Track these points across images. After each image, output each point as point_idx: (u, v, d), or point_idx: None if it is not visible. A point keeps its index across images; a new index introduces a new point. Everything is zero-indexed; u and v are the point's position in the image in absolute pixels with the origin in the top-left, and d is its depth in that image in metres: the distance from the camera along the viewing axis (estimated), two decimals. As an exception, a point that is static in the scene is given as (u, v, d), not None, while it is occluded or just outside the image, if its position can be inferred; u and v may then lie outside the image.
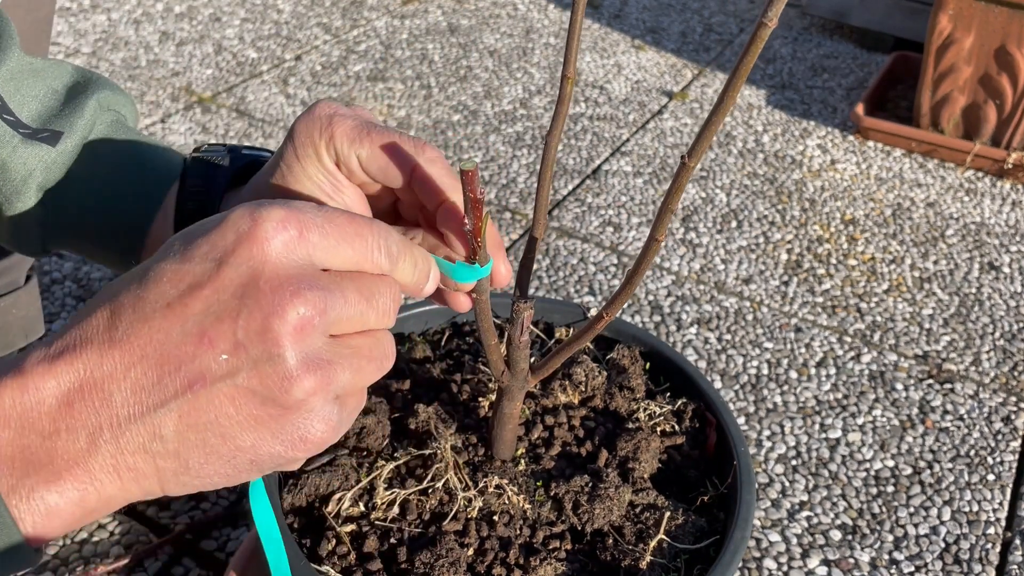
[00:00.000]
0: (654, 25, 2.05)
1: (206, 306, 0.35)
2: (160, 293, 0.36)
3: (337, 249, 0.38)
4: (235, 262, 0.36)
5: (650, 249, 0.45)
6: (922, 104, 1.60)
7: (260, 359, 0.35)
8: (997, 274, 1.33)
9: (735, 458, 0.62)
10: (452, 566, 0.54)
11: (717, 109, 0.37)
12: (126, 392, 0.35)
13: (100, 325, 0.36)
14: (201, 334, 0.35)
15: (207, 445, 0.36)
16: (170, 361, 0.35)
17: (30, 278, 0.78)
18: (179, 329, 0.35)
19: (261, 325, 0.35)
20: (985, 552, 0.93)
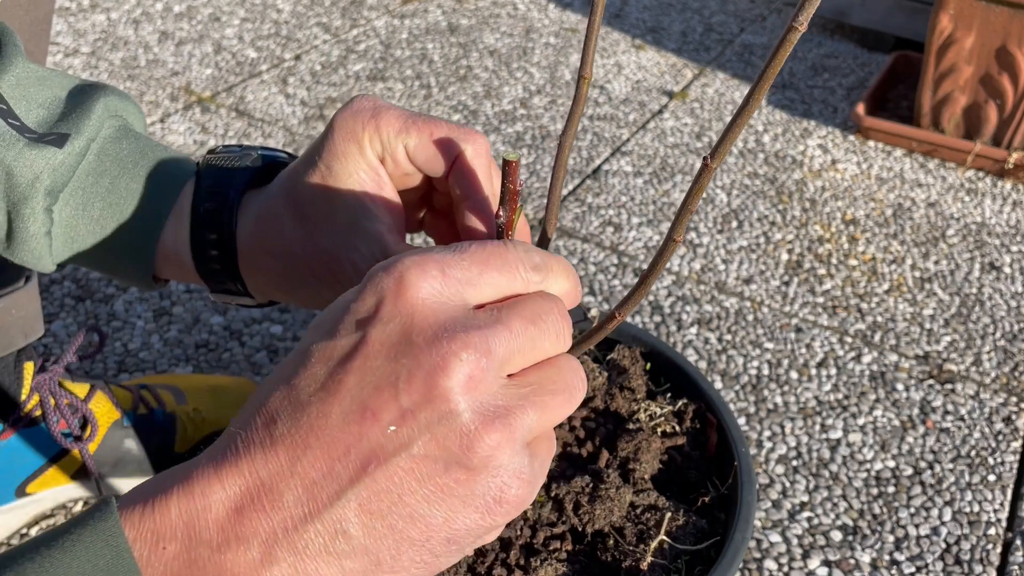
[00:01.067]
0: (654, 25, 2.05)
1: (360, 377, 0.32)
2: (311, 377, 0.33)
3: (483, 278, 0.35)
4: (382, 321, 0.33)
5: (667, 249, 0.44)
6: (923, 104, 1.59)
7: (432, 421, 0.32)
8: (998, 274, 1.33)
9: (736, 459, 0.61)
10: (452, 567, 0.54)
11: (742, 111, 0.37)
12: (297, 490, 0.31)
13: (259, 424, 0.33)
14: (363, 410, 0.32)
15: (396, 532, 0.32)
16: (336, 446, 0.32)
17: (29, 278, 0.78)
18: (338, 410, 0.32)
19: (425, 384, 0.32)
20: (986, 553, 0.92)
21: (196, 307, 1.15)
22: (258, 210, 0.52)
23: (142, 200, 0.53)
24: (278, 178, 0.52)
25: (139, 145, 0.55)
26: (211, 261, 0.53)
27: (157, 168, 0.54)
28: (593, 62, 0.49)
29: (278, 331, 1.12)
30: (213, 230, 0.52)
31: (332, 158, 0.48)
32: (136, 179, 0.53)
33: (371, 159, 0.48)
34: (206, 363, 1.07)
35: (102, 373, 1.05)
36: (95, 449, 0.83)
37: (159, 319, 1.12)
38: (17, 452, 0.81)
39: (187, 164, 0.55)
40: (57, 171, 0.50)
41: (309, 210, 0.49)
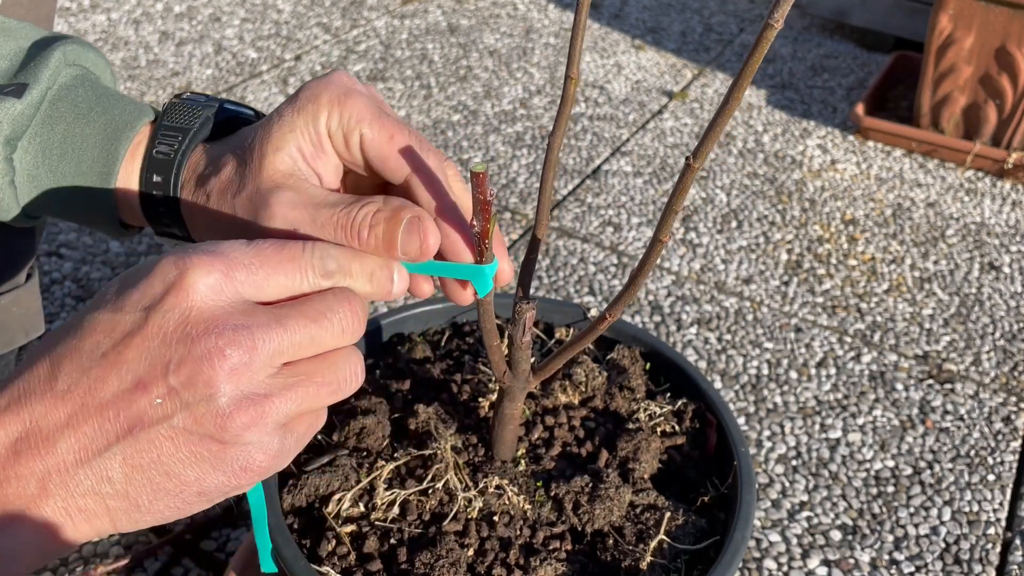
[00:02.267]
0: (654, 25, 2.05)
1: (138, 354, 0.37)
2: (95, 344, 0.37)
3: (268, 280, 0.39)
4: (163, 309, 0.37)
5: (654, 250, 0.45)
6: (922, 104, 1.59)
7: (193, 401, 0.37)
8: (997, 274, 1.33)
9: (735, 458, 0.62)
10: (452, 566, 0.54)
11: (722, 110, 0.37)
12: (71, 440, 0.37)
13: (41, 376, 0.37)
14: (136, 382, 0.37)
15: (153, 483, 0.38)
16: (108, 408, 0.37)
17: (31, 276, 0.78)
18: (115, 378, 0.37)
19: (191, 370, 0.37)
20: (985, 552, 0.92)
21: (196, 307, 1.15)
22: (207, 156, 0.52)
23: (98, 145, 0.53)
24: (237, 132, 0.52)
25: (95, 92, 0.55)
26: (156, 204, 0.53)
27: (113, 114, 0.54)
28: (580, 62, 0.49)
29: (278, 331, 1.12)
30: (160, 173, 0.53)
31: (285, 110, 0.48)
32: (91, 124, 0.53)
33: (320, 127, 0.48)
34: (207, 363, 1.07)
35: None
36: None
37: (160, 319, 1.13)
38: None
39: (144, 110, 0.55)
40: (16, 121, 0.51)
41: (247, 155, 0.49)
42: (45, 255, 1.21)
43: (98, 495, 0.38)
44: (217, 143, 0.52)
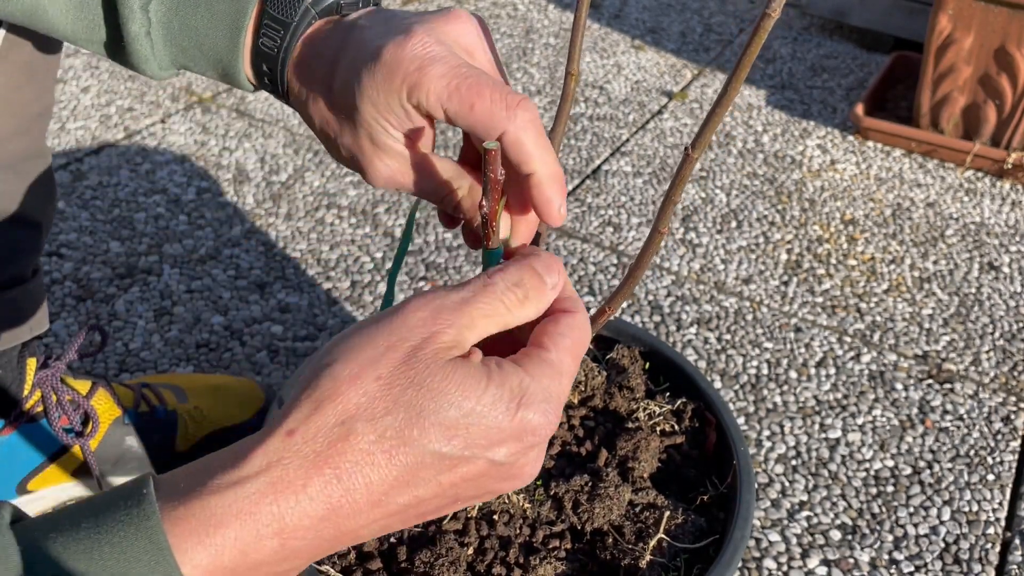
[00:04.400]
0: (654, 25, 2.05)
1: (471, 487, 0.40)
2: (424, 477, 0.39)
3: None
4: (503, 452, 0.40)
5: (653, 241, 0.45)
6: (922, 104, 1.60)
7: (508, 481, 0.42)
8: (997, 274, 1.33)
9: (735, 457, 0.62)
10: (452, 565, 0.54)
11: (720, 100, 0.37)
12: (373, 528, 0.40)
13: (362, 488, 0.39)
14: (455, 499, 0.40)
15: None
16: (425, 510, 0.40)
17: (36, 272, 0.78)
18: (439, 500, 0.40)
19: (515, 476, 0.41)
20: (985, 552, 0.93)
21: (197, 307, 1.15)
22: (307, 69, 0.51)
23: (227, 2, 0.52)
24: (355, 27, 0.50)
25: None
26: (265, 60, 0.53)
27: None
28: (580, 60, 0.48)
29: (278, 331, 1.12)
30: (266, 63, 0.52)
31: (368, 80, 0.47)
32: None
33: (404, 107, 0.47)
34: (207, 363, 1.07)
35: (103, 372, 1.05)
36: (96, 446, 0.83)
37: (160, 319, 1.13)
38: (17, 449, 0.81)
39: None
40: None
41: (341, 107, 0.48)
42: (45, 255, 1.21)
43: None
44: (334, 27, 0.51)
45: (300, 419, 0.37)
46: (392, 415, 0.37)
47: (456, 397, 0.38)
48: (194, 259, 1.23)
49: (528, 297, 0.42)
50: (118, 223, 1.28)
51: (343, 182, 1.42)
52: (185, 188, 1.37)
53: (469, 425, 0.38)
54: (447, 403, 0.37)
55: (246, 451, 0.37)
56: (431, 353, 0.38)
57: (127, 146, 1.46)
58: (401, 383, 0.38)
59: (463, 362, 0.39)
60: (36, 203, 0.76)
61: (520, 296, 0.42)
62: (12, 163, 0.72)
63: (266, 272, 1.22)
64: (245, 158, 1.45)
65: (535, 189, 0.46)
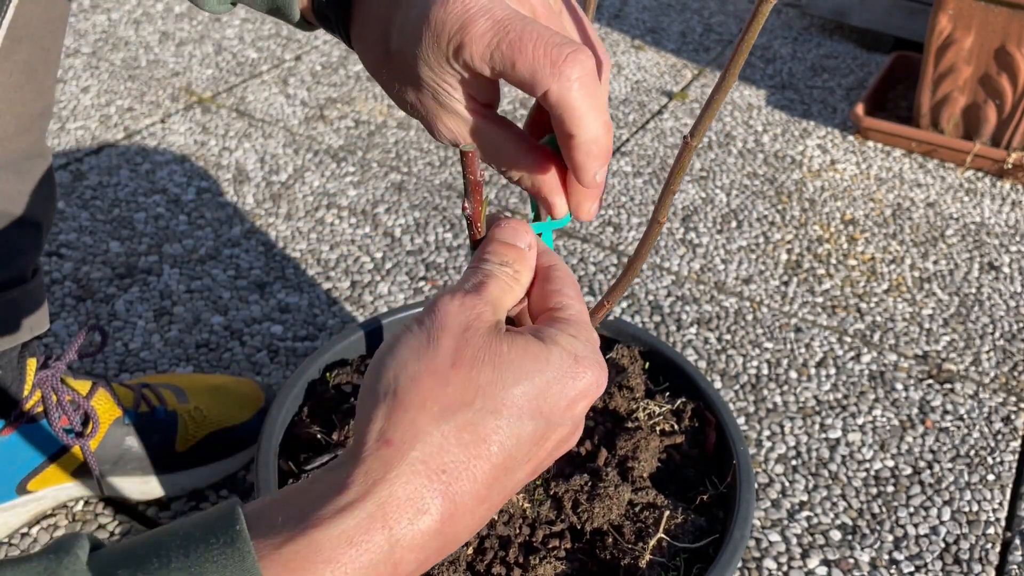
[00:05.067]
0: (654, 25, 2.05)
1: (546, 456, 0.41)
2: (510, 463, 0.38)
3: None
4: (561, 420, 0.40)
5: (652, 231, 0.45)
6: (922, 104, 1.60)
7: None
8: (997, 274, 1.33)
9: (734, 457, 0.62)
10: (451, 565, 0.54)
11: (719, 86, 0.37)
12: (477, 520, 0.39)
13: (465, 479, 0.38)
14: (535, 469, 0.41)
15: None
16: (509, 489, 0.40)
17: (36, 272, 0.78)
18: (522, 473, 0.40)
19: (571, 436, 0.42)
20: (985, 552, 0.92)
21: (197, 307, 1.15)
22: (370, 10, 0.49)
23: None
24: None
25: None
26: (325, 7, 0.51)
27: None
28: None
29: (278, 331, 1.12)
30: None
31: (414, 36, 0.44)
32: None
33: (453, 67, 0.44)
34: (207, 363, 1.07)
35: (103, 373, 1.05)
36: (96, 446, 0.83)
37: (160, 319, 1.13)
38: (17, 449, 0.81)
39: None
40: None
41: (397, 61, 0.46)
42: (45, 255, 1.21)
43: None
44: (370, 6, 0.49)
45: (391, 426, 0.35)
46: (479, 399, 0.36)
47: (528, 366, 0.38)
48: (194, 259, 1.23)
49: (518, 269, 0.43)
50: (118, 223, 1.28)
51: (343, 182, 1.42)
52: (185, 188, 1.37)
53: (547, 393, 0.38)
54: (522, 374, 0.38)
55: (344, 475, 0.34)
56: (484, 331, 0.38)
57: (127, 146, 1.46)
58: (475, 364, 0.37)
59: (517, 335, 0.39)
60: (36, 203, 0.76)
61: (510, 272, 0.43)
62: (13, 162, 0.72)
63: (266, 272, 1.22)
64: (245, 158, 1.46)
65: (572, 152, 0.43)
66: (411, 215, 1.35)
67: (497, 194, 1.42)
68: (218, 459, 0.90)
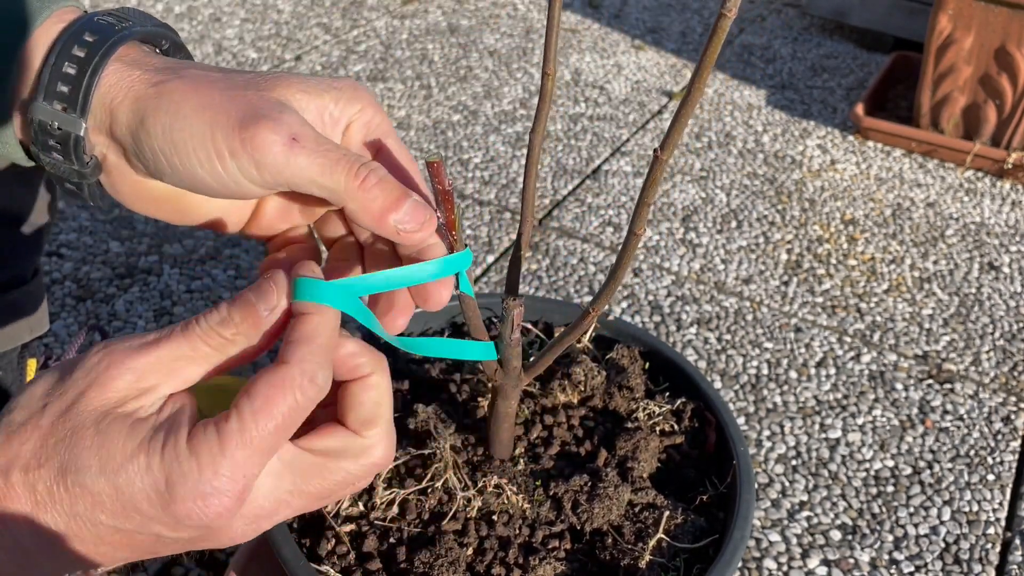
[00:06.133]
0: (654, 25, 2.05)
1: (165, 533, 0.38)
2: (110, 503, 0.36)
3: None
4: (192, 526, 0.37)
5: (630, 244, 0.45)
6: (922, 104, 1.59)
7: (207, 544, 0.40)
8: (997, 274, 1.33)
9: (734, 457, 0.62)
10: (451, 565, 0.54)
11: (686, 101, 0.38)
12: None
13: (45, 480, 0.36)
14: (156, 537, 0.37)
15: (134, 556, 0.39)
16: (123, 541, 0.38)
17: (36, 273, 0.78)
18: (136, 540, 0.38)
19: (211, 539, 0.38)
20: (985, 552, 0.92)
21: (197, 307, 1.15)
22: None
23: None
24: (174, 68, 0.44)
25: None
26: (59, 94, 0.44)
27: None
28: (556, 58, 0.48)
29: (278, 331, 1.12)
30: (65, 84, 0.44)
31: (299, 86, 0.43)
32: None
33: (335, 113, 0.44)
34: (206, 363, 1.07)
35: (103, 373, 1.05)
36: (96, 448, 0.83)
37: (160, 319, 1.13)
38: (18, 451, 0.81)
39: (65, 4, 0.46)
40: None
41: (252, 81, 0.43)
42: (45, 255, 1.21)
43: None
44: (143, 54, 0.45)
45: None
46: (43, 468, 0.35)
47: (97, 461, 0.35)
48: (194, 259, 1.23)
49: (239, 332, 0.38)
50: (118, 223, 1.28)
51: (343, 182, 1.42)
52: (185, 188, 1.37)
53: (115, 497, 0.35)
54: (88, 466, 0.35)
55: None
56: (90, 404, 0.36)
57: (127, 146, 1.46)
58: (56, 436, 0.35)
59: (117, 420, 0.36)
60: (37, 205, 0.76)
61: (230, 333, 0.38)
62: (13, 164, 0.72)
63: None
64: (245, 158, 1.45)
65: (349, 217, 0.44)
66: (411, 215, 1.35)
67: (497, 194, 1.42)
68: (218, 459, 0.90)
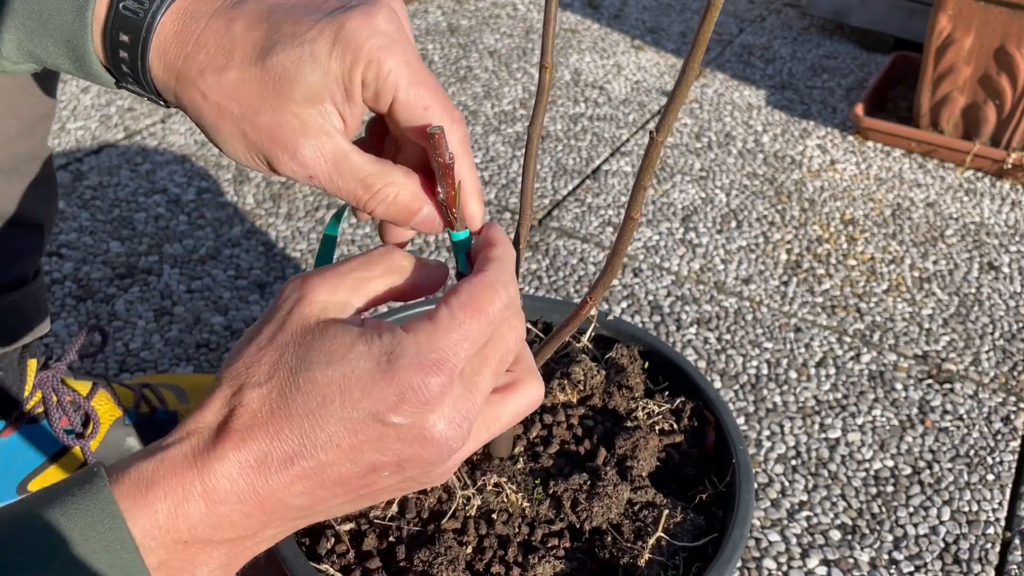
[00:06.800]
0: (654, 25, 2.05)
1: (375, 450, 0.39)
2: (329, 434, 0.39)
3: None
4: (398, 419, 0.39)
5: (627, 228, 0.45)
6: (922, 104, 1.60)
7: (418, 475, 0.41)
8: (997, 274, 1.33)
9: (734, 456, 0.62)
10: (451, 564, 0.54)
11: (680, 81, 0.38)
12: (302, 501, 0.40)
13: (267, 429, 0.39)
14: (370, 466, 0.39)
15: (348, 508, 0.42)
16: (341, 486, 0.40)
17: (37, 273, 0.78)
18: (349, 463, 0.39)
19: (422, 466, 0.40)
20: (984, 552, 0.93)
21: (197, 307, 1.15)
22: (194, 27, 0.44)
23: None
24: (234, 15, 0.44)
25: None
26: (124, 28, 0.44)
27: None
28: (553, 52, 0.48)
29: (278, 331, 1.12)
30: (126, 32, 0.44)
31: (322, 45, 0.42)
32: None
33: (356, 81, 0.43)
34: (207, 363, 1.07)
35: (104, 373, 1.05)
36: (96, 447, 0.83)
37: (160, 319, 1.13)
38: (18, 450, 0.81)
39: None
40: None
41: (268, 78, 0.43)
42: (45, 255, 1.21)
43: (294, 524, 0.41)
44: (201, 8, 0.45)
45: (206, 397, 0.39)
46: (273, 379, 0.38)
47: (323, 355, 0.38)
48: (194, 259, 1.23)
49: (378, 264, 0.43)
50: (118, 223, 1.28)
51: (343, 182, 1.42)
52: (185, 188, 1.37)
53: (342, 384, 0.38)
54: (316, 361, 0.38)
55: (171, 431, 0.39)
56: (300, 315, 0.40)
57: (127, 146, 1.46)
58: (278, 347, 0.39)
59: (332, 322, 0.40)
60: (38, 205, 0.76)
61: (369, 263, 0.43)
62: (16, 165, 0.72)
63: (266, 272, 1.22)
64: (245, 158, 1.46)
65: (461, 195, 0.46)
66: (411, 215, 1.35)
67: (496, 194, 1.42)
68: (218, 459, 0.90)
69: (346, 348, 0.38)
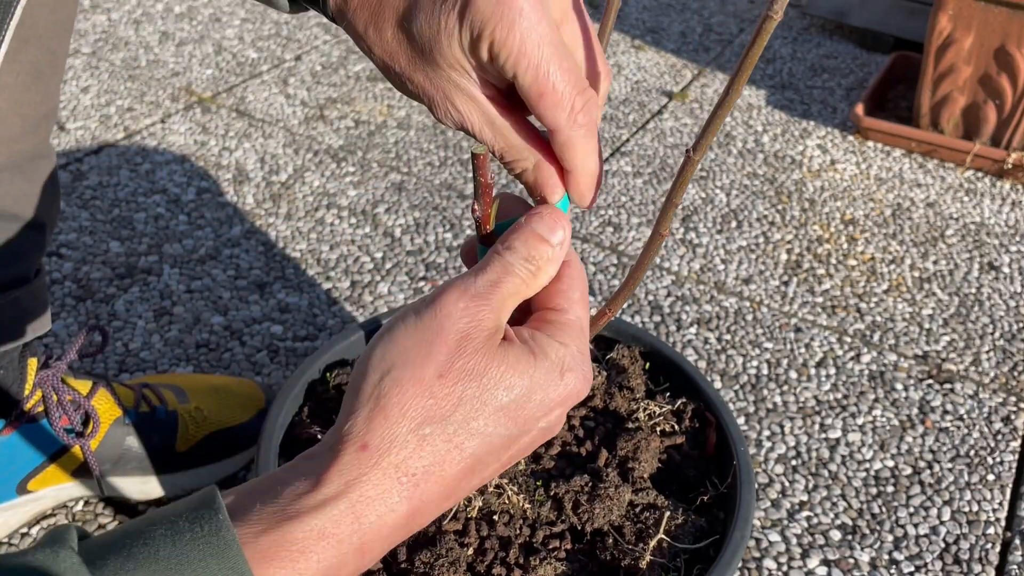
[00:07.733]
0: (654, 25, 2.05)
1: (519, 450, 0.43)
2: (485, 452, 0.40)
3: None
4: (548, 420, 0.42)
5: (654, 243, 0.45)
6: (922, 104, 1.60)
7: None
8: (997, 274, 1.33)
9: (735, 458, 0.62)
10: (452, 566, 0.54)
11: (722, 102, 0.38)
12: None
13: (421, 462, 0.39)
14: (509, 459, 0.42)
15: None
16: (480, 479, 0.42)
17: (39, 272, 0.78)
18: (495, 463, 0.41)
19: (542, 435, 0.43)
20: (985, 552, 0.93)
21: (197, 307, 1.15)
22: None
23: None
24: None
25: None
26: None
27: None
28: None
29: (278, 331, 1.12)
30: None
31: (449, 13, 0.42)
32: None
33: (483, 55, 0.42)
34: (207, 363, 1.07)
35: (103, 373, 1.05)
36: (96, 446, 0.83)
37: (160, 319, 1.13)
38: (18, 449, 0.81)
39: None
40: None
41: (414, 37, 0.43)
42: (45, 255, 1.21)
43: None
44: None
45: (370, 431, 0.37)
46: (459, 411, 0.38)
47: (514, 380, 0.39)
48: (194, 259, 1.23)
49: (540, 268, 0.43)
50: (118, 223, 1.28)
51: (343, 182, 1.42)
52: (185, 188, 1.37)
53: (527, 404, 0.40)
54: (506, 388, 0.39)
55: (320, 470, 0.37)
56: (481, 341, 0.39)
57: (127, 146, 1.46)
58: (463, 377, 0.38)
59: (510, 345, 0.40)
60: (41, 204, 0.76)
61: (533, 269, 0.42)
62: (19, 163, 0.72)
63: (266, 272, 1.22)
64: (245, 158, 1.46)
65: (570, 180, 0.46)
66: (411, 215, 1.35)
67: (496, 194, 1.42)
68: (218, 459, 0.90)
69: (532, 371, 0.40)
